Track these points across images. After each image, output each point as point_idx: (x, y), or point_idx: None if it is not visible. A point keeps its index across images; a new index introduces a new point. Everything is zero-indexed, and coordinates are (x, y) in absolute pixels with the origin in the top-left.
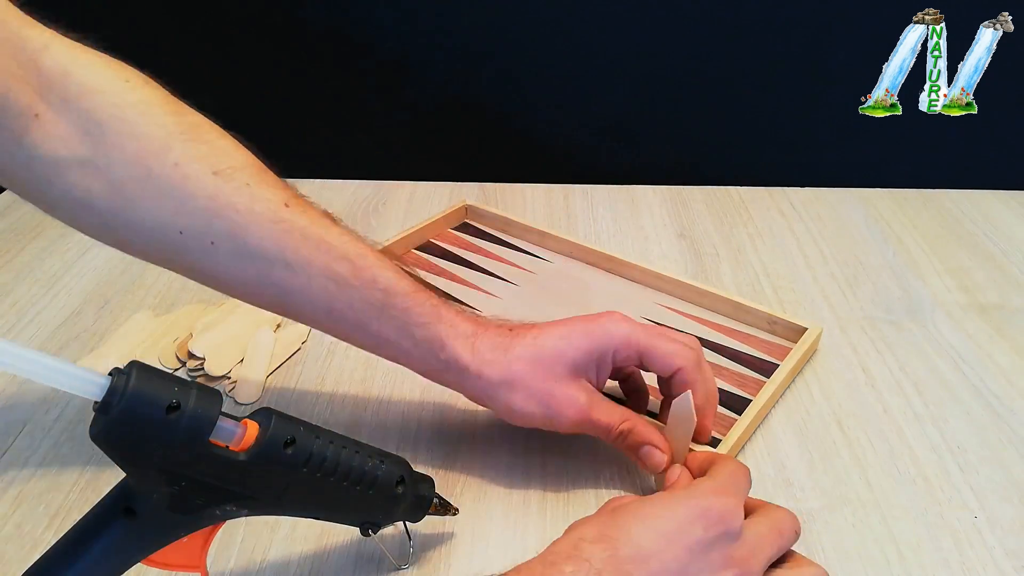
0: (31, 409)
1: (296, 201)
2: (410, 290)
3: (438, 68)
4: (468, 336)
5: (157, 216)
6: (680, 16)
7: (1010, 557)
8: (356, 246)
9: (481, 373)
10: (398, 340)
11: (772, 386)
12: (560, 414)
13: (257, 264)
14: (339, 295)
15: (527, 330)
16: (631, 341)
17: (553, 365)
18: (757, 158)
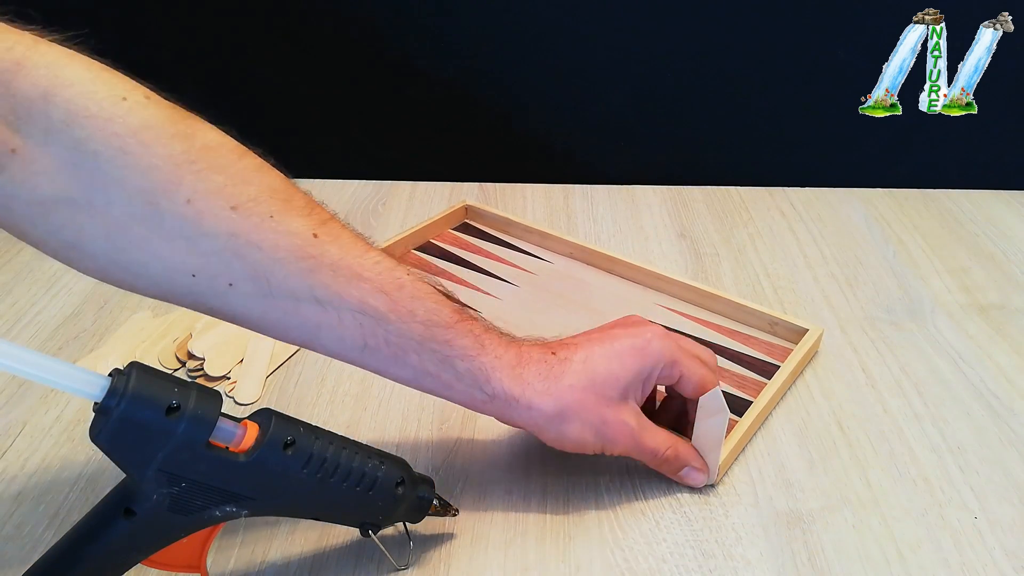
0: (31, 409)
1: (326, 228)
2: (452, 320)
3: (438, 68)
4: (514, 366)
5: (166, 260)
6: (680, 16)
7: (1010, 557)
8: (393, 275)
9: (532, 404)
10: (439, 373)
11: (772, 388)
12: (613, 441)
13: (282, 303)
14: (375, 331)
15: (572, 351)
16: (675, 362)
17: (605, 389)
18: (757, 158)
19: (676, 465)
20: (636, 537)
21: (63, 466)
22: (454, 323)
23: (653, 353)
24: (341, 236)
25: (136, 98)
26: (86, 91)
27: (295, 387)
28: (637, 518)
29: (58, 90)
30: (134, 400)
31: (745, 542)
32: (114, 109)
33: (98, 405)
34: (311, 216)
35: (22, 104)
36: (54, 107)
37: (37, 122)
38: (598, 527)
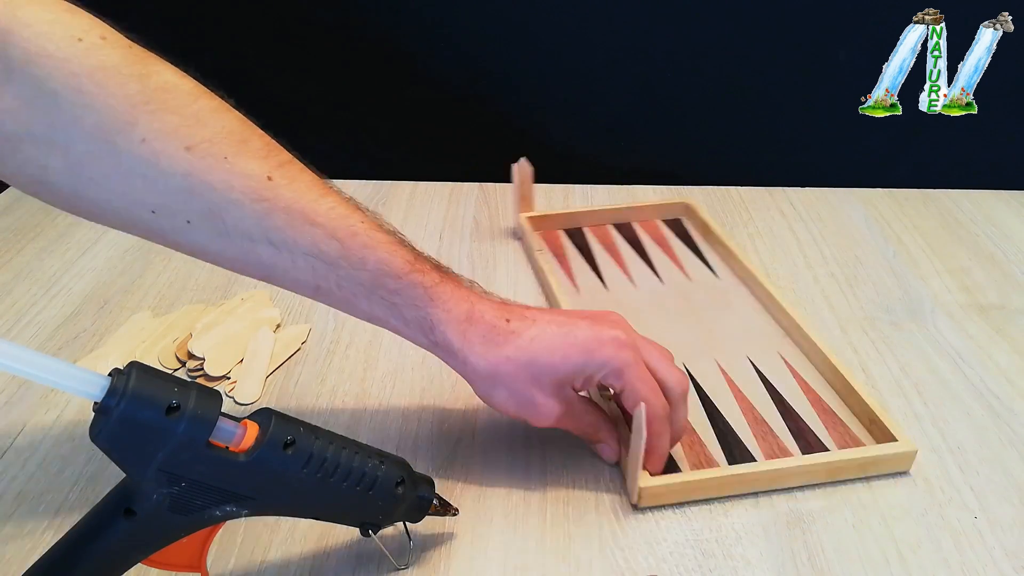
0: (31, 409)
1: (281, 171)
2: (402, 271)
3: (438, 68)
4: (461, 321)
5: (125, 195)
6: (680, 16)
7: (1010, 557)
8: (346, 221)
9: (467, 360)
10: (387, 318)
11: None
12: (535, 417)
13: (238, 243)
14: (326, 274)
15: (525, 326)
16: (621, 374)
17: (540, 375)
18: (757, 158)
19: (592, 439)
20: (636, 537)
21: (63, 466)
22: (405, 273)
23: (600, 357)
24: (297, 179)
25: (92, 39)
26: (43, 32)
27: (295, 387)
28: (637, 518)
29: (16, 30)
30: (134, 400)
31: (745, 542)
32: (71, 49)
33: (98, 405)
34: (268, 159)
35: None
36: (13, 47)
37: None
38: (598, 527)
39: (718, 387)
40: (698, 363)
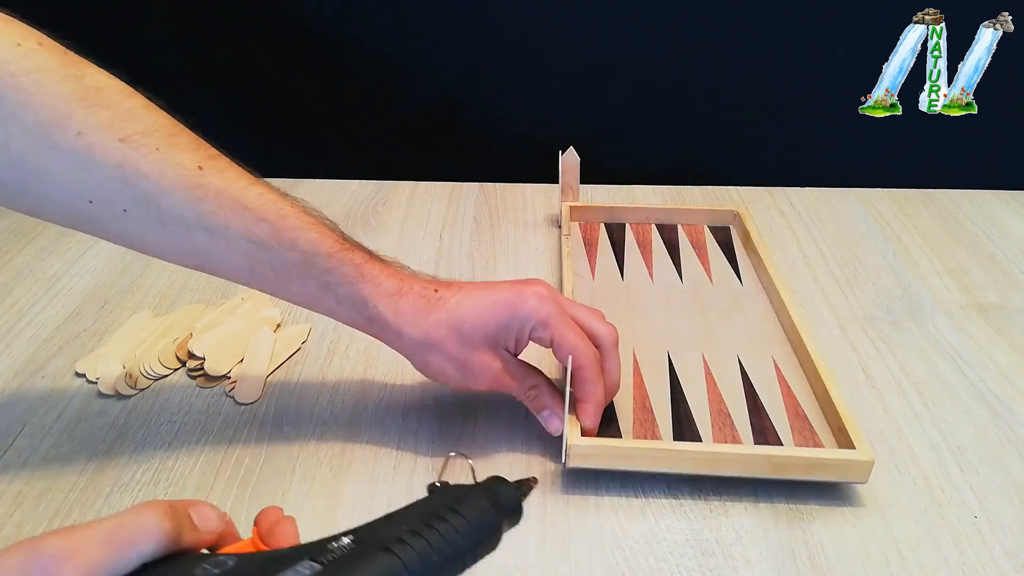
0: (31, 409)
1: (212, 162)
2: (332, 250)
3: (438, 68)
4: (392, 294)
5: (64, 187)
6: (680, 16)
7: (1010, 557)
8: (276, 206)
9: (401, 331)
10: (321, 297)
11: None
12: (474, 378)
13: (173, 230)
14: (259, 256)
15: (452, 293)
16: (547, 323)
17: (472, 335)
18: (757, 158)
19: (536, 405)
20: (636, 537)
21: (63, 466)
22: (334, 252)
23: (525, 310)
24: (227, 169)
25: (30, 44)
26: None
27: (295, 387)
28: (637, 518)
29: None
30: None
31: (745, 542)
32: (10, 53)
33: None
34: (197, 151)
35: None
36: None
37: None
38: (598, 527)
39: (693, 376)
40: (682, 353)
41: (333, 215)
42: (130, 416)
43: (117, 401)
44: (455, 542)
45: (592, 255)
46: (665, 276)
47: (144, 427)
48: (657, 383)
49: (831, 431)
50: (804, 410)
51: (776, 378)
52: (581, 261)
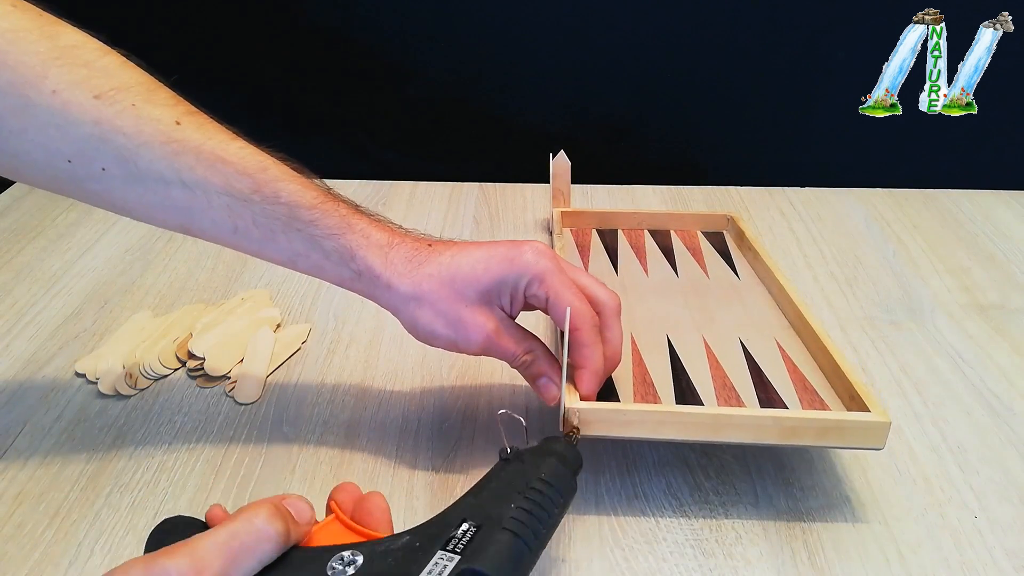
0: (31, 409)
1: (190, 118)
2: (316, 202)
3: (438, 68)
4: (382, 246)
5: (42, 146)
6: (680, 16)
7: (1010, 557)
8: (257, 159)
9: (391, 284)
10: (308, 252)
11: None
12: (466, 338)
13: (153, 187)
14: (242, 211)
15: (446, 247)
16: (543, 278)
17: (465, 288)
18: (757, 158)
19: (532, 371)
20: (636, 537)
21: (63, 466)
22: (319, 203)
23: (521, 264)
24: (205, 125)
25: (4, 7)
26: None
27: (295, 387)
28: (637, 518)
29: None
30: None
31: (745, 542)
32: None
33: None
34: (175, 107)
35: None
36: None
37: None
38: (598, 527)
39: (694, 355)
40: (682, 335)
41: None
42: (130, 416)
43: (117, 401)
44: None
45: (585, 257)
46: (661, 272)
47: (144, 427)
48: (657, 360)
49: (842, 401)
50: (812, 384)
51: (781, 356)
52: (573, 261)
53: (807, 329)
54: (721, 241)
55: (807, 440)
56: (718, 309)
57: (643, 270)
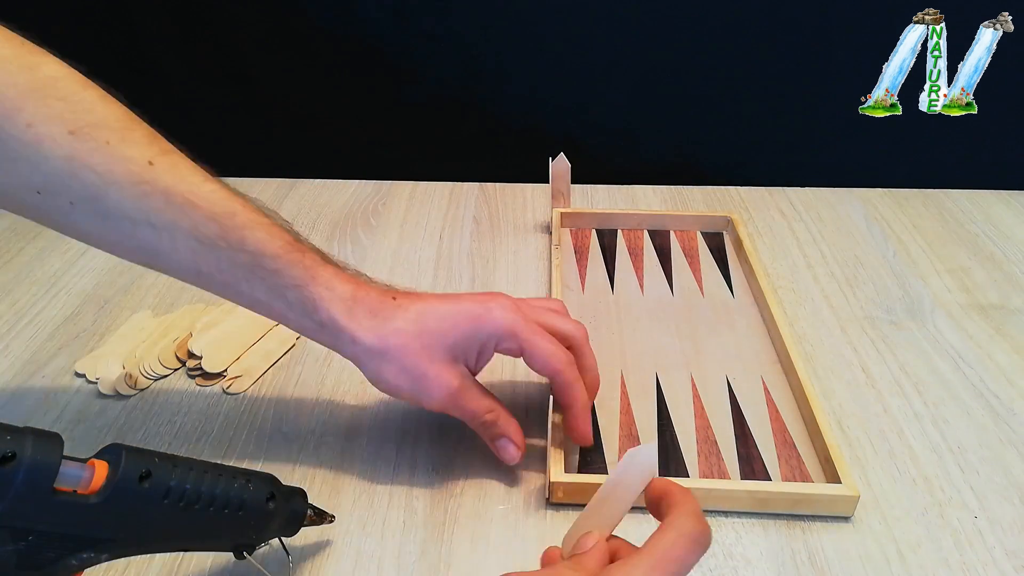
0: (31, 409)
1: (163, 158)
2: (281, 251)
3: (438, 68)
4: (346, 299)
5: (12, 177)
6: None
7: (1010, 557)
8: (226, 204)
9: (356, 338)
10: (270, 301)
11: None
12: (428, 395)
13: (120, 225)
14: (207, 256)
15: (411, 301)
16: (515, 333)
17: (432, 345)
18: (757, 158)
19: (492, 432)
20: (636, 537)
21: None
22: (284, 253)
23: (490, 322)
24: (179, 165)
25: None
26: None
27: (295, 387)
28: (637, 518)
29: None
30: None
31: (745, 542)
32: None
33: None
34: (150, 146)
35: None
36: None
37: None
38: None
39: (680, 401)
40: (671, 375)
41: (333, 215)
42: (130, 416)
43: (117, 401)
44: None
45: (583, 265)
46: (656, 288)
47: (144, 427)
48: (644, 408)
49: (819, 460)
50: (792, 437)
51: (765, 401)
52: (571, 273)
53: (792, 370)
54: (719, 243)
55: (779, 509)
56: (709, 338)
57: (639, 286)
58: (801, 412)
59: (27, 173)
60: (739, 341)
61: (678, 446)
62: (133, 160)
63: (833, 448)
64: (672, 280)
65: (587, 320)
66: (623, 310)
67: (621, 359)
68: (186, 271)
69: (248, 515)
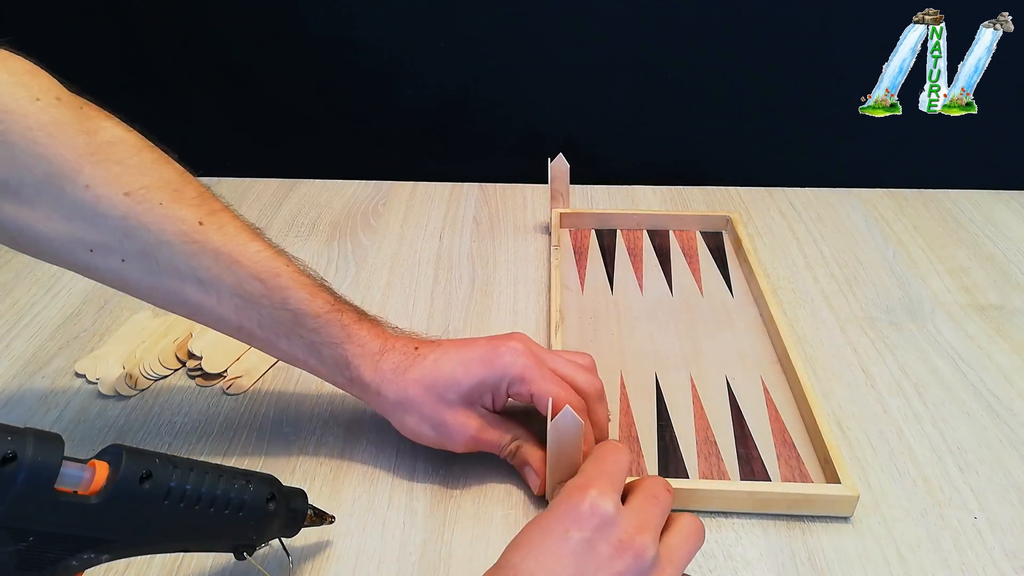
0: (31, 409)
1: (213, 218)
2: (321, 311)
3: (438, 68)
4: (374, 355)
5: (66, 234)
6: (680, 16)
7: (1010, 557)
8: (270, 264)
9: (380, 391)
10: (306, 358)
11: None
12: (450, 439)
13: (168, 281)
14: (249, 313)
15: (431, 350)
16: (523, 378)
17: (446, 392)
18: (757, 158)
19: (517, 460)
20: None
21: None
22: (323, 313)
23: (501, 366)
24: (227, 225)
25: (48, 99)
26: (6, 91)
27: (295, 387)
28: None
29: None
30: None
31: (745, 543)
32: (29, 107)
33: None
34: (200, 207)
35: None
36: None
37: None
38: None
39: (680, 402)
40: (670, 375)
41: (333, 215)
42: (130, 416)
43: (117, 401)
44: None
45: (582, 266)
46: (655, 288)
47: (144, 427)
48: (644, 408)
49: (818, 460)
50: (791, 437)
51: (765, 402)
52: (571, 273)
53: (791, 368)
54: (719, 243)
55: (779, 509)
56: (708, 338)
57: (639, 286)
58: (801, 413)
59: (83, 231)
60: (739, 341)
61: (678, 447)
62: (184, 221)
63: (833, 448)
64: (671, 280)
65: (587, 320)
66: (623, 310)
67: (620, 359)
68: (227, 326)
69: (248, 516)
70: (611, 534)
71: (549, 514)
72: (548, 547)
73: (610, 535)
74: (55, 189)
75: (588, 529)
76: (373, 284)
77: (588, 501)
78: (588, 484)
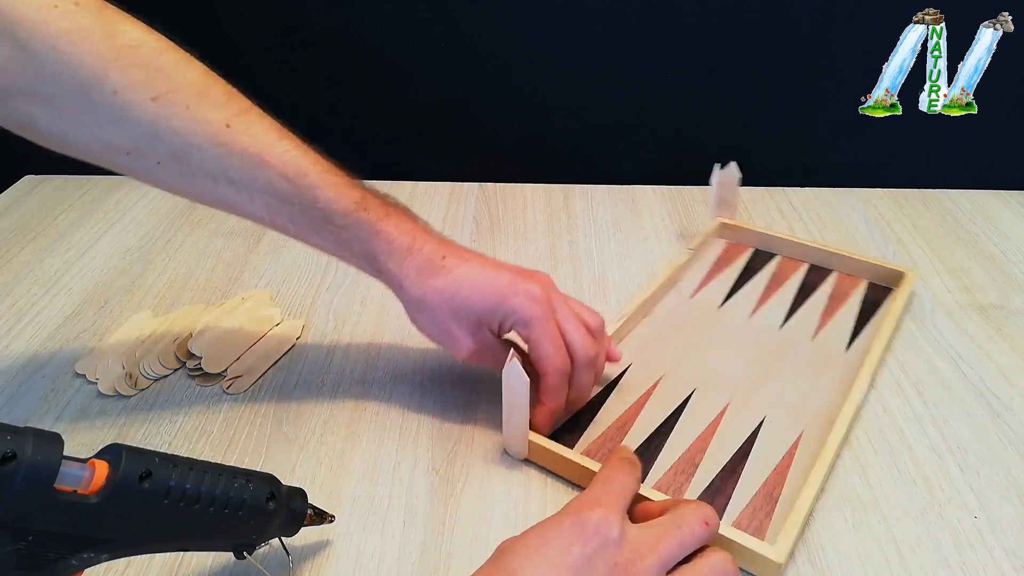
0: (31, 409)
1: (240, 118)
2: (348, 210)
3: (438, 68)
4: (401, 251)
5: (102, 140)
6: (680, 16)
7: (1010, 557)
8: (298, 164)
9: (402, 286)
10: (336, 251)
11: None
12: (451, 349)
13: (201, 182)
14: (280, 210)
15: (456, 264)
16: (529, 325)
17: (460, 309)
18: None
19: None
20: None
21: None
22: (351, 211)
23: (511, 304)
24: (254, 125)
25: (66, 5)
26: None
27: (295, 387)
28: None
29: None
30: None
31: None
32: (48, 14)
33: None
34: (227, 106)
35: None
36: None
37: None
38: None
39: (696, 422)
40: (708, 396)
41: None
42: (130, 416)
43: (117, 401)
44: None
45: (712, 275)
46: (767, 315)
47: (144, 427)
48: (655, 414)
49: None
50: (780, 493)
51: (784, 453)
52: (692, 278)
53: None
54: (880, 299)
55: None
56: (781, 378)
57: (752, 309)
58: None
59: (116, 136)
60: (808, 392)
61: (655, 455)
62: (211, 123)
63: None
64: (792, 314)
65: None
66: (714, 324)
67: (670, 365)
68: (261, 221)
69: (248, 515)
70: (610, 556)
71: (553, 525)
72: (548, 557)
73: (609, 557)
74: (84, 97)
75: (590, 547)
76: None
77: (595, 520)
78: (596, 503)
